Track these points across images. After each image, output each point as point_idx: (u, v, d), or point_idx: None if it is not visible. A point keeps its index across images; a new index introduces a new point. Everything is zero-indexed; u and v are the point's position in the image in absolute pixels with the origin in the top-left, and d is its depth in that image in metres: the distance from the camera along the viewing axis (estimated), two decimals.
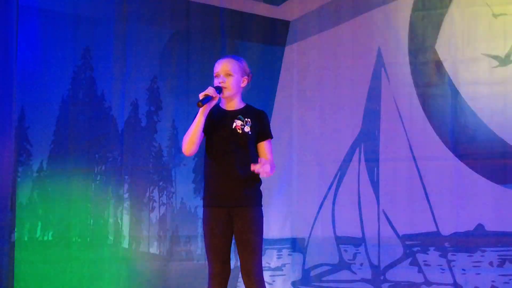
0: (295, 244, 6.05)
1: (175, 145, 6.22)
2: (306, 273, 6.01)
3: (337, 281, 5.95)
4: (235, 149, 3.96)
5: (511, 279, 5.63)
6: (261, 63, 6.20)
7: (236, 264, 5.60)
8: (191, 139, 3.93)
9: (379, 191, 5.91)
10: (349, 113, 6.03)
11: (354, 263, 5.93)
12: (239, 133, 3.99)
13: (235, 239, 3.99)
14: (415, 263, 5.80)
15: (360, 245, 5.92)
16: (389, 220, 5.88)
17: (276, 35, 6.22)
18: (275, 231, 6.04)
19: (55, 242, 6.27)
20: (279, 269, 6.05)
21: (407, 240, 5.83)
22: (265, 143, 4.07)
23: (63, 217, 6.31)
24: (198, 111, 3.94)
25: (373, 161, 5.94)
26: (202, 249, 6.10)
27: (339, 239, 5.97)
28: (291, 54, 6.19)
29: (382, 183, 5.92)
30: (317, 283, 5.97)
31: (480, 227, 5.71)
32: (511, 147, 5.70)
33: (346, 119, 6.03)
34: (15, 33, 6.32)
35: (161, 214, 6.22)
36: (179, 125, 6.22)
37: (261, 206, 4.05)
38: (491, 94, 5.77)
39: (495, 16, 5.81)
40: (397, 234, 5.86)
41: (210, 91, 3.92)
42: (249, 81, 4.14)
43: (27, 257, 6.21)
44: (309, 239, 6.02)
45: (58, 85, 6.37)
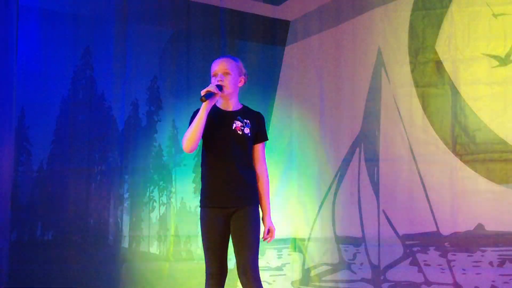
0: (295, 244, 6.04)
1: (175, 145, 6.21)
2: (306, 273, 6.00)
3: (337, 281, 5.94)
4: (234, 149, 3.97)
5: (511, 279, 5.63)
6: (261, 63, 6.20)
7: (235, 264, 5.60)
8: (192, 135, 3.92)
9: (379, 191, 5.91)
10: (349, 113, 6.03)
11: (354, 263, 5.92)
12: (239, 134, 4.00)
13: (232, 238, 4.01)
14: (415, 263, 5.80)
15: (360, 245, 5.91)
16: (389, 220, 5.87)
17: (276, 35, 6.22)
18: (275, 231, 6.02)
19: (55, 242, 6.27)
20: (279, 269, 6.04)
21: (407, 240, 5.83)
22: (261, 146, 4.11)
23: (63, 217, 6.32)
24: (198, 108, 3.94)
25: (373, 161, 5.94)
26: (202, 249, 6.08)
27: (339, 239, 5.96)
28: (291, 54, 6.19)
29: (382, 183, 5.91)
30: (317, 283, 5.96)
31: (480, 227, 5.71)
32: (511, 147, 5.70)
33: (346, 119, 6.03)
34: (15, 33, 6.33)
35: (161, 214, 6.22)
36: (179, 124, 6.22)
37: (258, 205, 4.06)
38: (491, 94, 5.77)
39: (495, 16, 5.80)
40: (397, 234, 5.85)
41: (211, 87, 3.93)
42: (245, 81, 4.15)
43: (27, 257, 6.21)
44: (309, 239, 6.02)
45: (58, 85, 6.38)
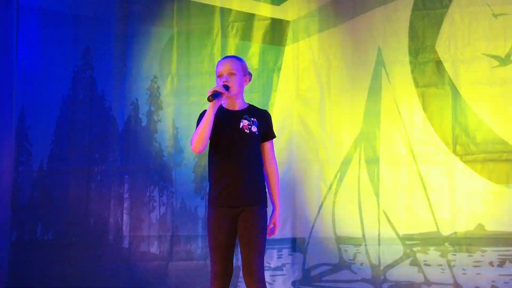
0: (296, 244, 6.04)
1: (175, 145, 6.21)
2: (306, 273, 6.00)
3: (337, 281, 5.94)
4: (241, 148, 3.96)
5: (511, 279, 5.63)
6: (261, 63, 6.20)
7: (236, 264, 5.60)
8: (201, 135, 3.90)
9: (379, 191, 5.91)
10: (349, 113, 6.03)
11: (354, 263, 5.92)
12: (246, 133, 3.99)
13: (238, 237, 3.98)
14: (415, 263, 5.80)
15: (360, 245, 5.91)
16: (389, 220, 5.88)
17: (277, 35, 6.22)
18: (277, 228, 6.02)
19: (55, 242, 6.27)
20: (280, 269, 6.04)
21: (407, 240, 5.83)
22: (269, 144, 4.09)
23: (63, 217, 6.32)
24: (205, 110, 3.93)
25: (373, 161, 5.94)
26: (202, 249, 6.10)
27: (339, 239, 5.96)
28: (292, 54, 6.18)
29: (382, 183, 5.91)
30: (317, 283, 5.96)
31: (480, 227, 5.71)
32: (511, 147, 5.71)
33: (346, 119, 6.03)
34: (15, 33, 6.33)
35: (161, 214, 6.21)
36: (179, 125, 6.22)
37: (266, 205, 4.04)
38: (491, 94, 5.78)
39: (495, 16, 5.81)
40: (397, 234, 5.85)
41: (218, 87, 3.93)
42: (249, 81, 4.14)
43: (27, 257, 6.21)
44: (309, 239, 6.02)
45: (58, 85, 6.38)
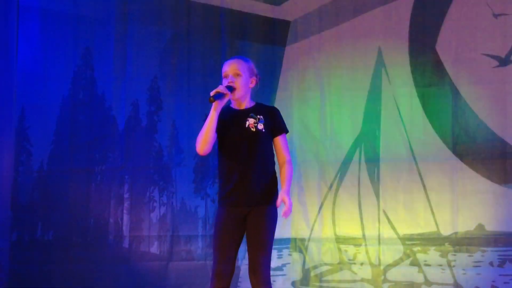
0: (296, 244, 6.04)
1: (175, 145, 6.21)
2: (307, 273, 6.00)
3: (337, 281, 5.94)
4: (249, 147, 3.93)
5: (511, 279, 5.64)
6: (261, 63, 6.18)
7: (236, 264, 5.60)
8: (204, 137, 3.90)
9: (379, 191, 5.91)
10: (349, 113, 6.03)
11: (354, 263, 5.93)
12: (252, 131, 3.96)
13: (246, 236, 3.95)
14: (415, 263, 5.80)
15: (360, 245, 5.92)
16: (389, 220, 5.88)
17: (277, 35, 6.22)
18: (276, 231, 6.00)
19: (55, 242, 6.26)
20: (280, 269, 6.04)
21: (407, 240, 5.83)
22: (280, 138, 4.04)
23: (63, 217, 6.31)
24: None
25: (373, 161, 5.94)
26: (202, 249, 6.10)
27: (339, 239, 5.96)
28: (292, 54, 6.19)
29: (383, 183, 5.92)
30: (318, 283, 5.97)
31: (481, 227, 5.72)
32: (511, 147, 5.71)
33: (347, 119, 6.03)
34: (15, 33, 6.32)
35: (161, 214, 6.21)
36: (180, 125, 6.22)
37: (274, 205, 3.97)
38: (491, 94, 5.79)
39: (495, 16, 5.81)
40: (397, 234, 5.86)
41: (221, 88, 3.91)
42: (257, 82, 4.11)
43: (28, 257, 6.20)
44: (309, 239, 6.02)
45: (59, 85, 6.37)
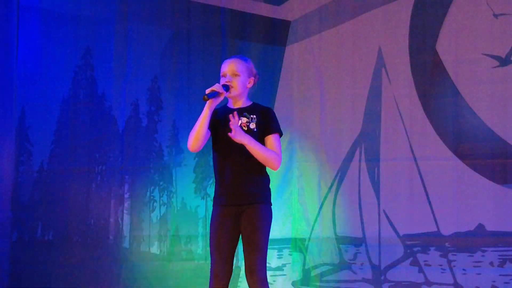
0: (296, 244, 6.04)
1: (175, 145, 6.21)
2: (307, 273, 6.00)
3: (337, 281, 5.94)
4: (240, 146, 3.92)
5: (511, 279, 5.63)
6: (261, 63, 6.19)
7: (236, 264, 5.61)
8: (196, 134, 3.92)
9: (379, 191, 5.91)
10: (349, 113, 6.03)
11: (355, 263, 5.92)
12: (244, 130, 3.97)
13: (241, 236, 3.95)
14: (415, 263, 5.80)
15: (360, 245, 5.91)
16: (389, 220, 5.88)
17: (277, 35, 6.21)
18: (276, 231, 5.99)
19: (55, 242, 6.27)
20: (280, 269, 6.04)
21: (407, 240, 5.83)
22: (270, 138, 4.04)
23: (63, 217, 6.31)
24: (203, 107, 3.93)
25: (373, 161, 5.94)
26: (202, 249, 6.10)
27: (339, 239, 5.96)
28: (292, 54, 6.18)
29: (383, 183, 5.92)
30: (318, 283, 5.96)
31: (481, 227, 5.72)
32: (511, 147, 5.71)
33: (347, 119, 6.03)
34: (15, 33, 6.32)
35: (161, 214, 6.21)
36: (180, 125, 6.22)
37: (269, 204, 4.00)
38: (491, 94, 5.78)
39: (495, 16, 5.81)
40: (397, 234, 5.85)
41: (216, 87, 3.91)
42: (255, 82, 4.11)
43: (28, 257, 6.20)
44: (309, 239, 6.02)
45: (59, 85, 6.37)
